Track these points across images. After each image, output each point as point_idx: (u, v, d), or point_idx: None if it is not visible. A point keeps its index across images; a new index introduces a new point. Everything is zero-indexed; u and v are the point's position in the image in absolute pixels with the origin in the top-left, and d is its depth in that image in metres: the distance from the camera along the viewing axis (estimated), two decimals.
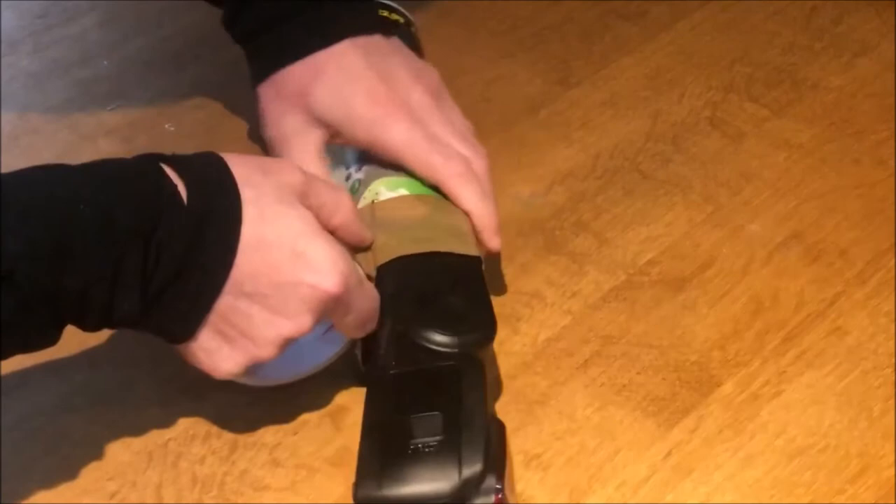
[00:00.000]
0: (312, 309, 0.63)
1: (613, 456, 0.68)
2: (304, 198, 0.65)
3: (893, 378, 0.72)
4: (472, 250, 0.72)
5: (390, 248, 0.71)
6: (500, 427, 0.64)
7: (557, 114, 0.93)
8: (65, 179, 0.60)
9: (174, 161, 0.63)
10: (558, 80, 0.96)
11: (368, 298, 0.67)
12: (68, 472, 0.69)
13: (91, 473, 0.69)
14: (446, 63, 0.85)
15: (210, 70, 1.00)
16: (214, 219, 0.62)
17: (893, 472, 0.67)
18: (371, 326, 0.68)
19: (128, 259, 0.59)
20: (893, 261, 0.79)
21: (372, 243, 0.71)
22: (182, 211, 0.61)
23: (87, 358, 0.76)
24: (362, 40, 0.77)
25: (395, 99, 0.75)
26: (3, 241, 0.56)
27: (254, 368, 0.66)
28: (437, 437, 0.62)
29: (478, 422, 0.62)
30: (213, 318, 0.63)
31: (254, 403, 0.72)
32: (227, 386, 0.73)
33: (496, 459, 0.61)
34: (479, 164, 0.75)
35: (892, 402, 0.70)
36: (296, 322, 0.63)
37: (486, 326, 0.68)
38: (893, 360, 0.73)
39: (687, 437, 0.69)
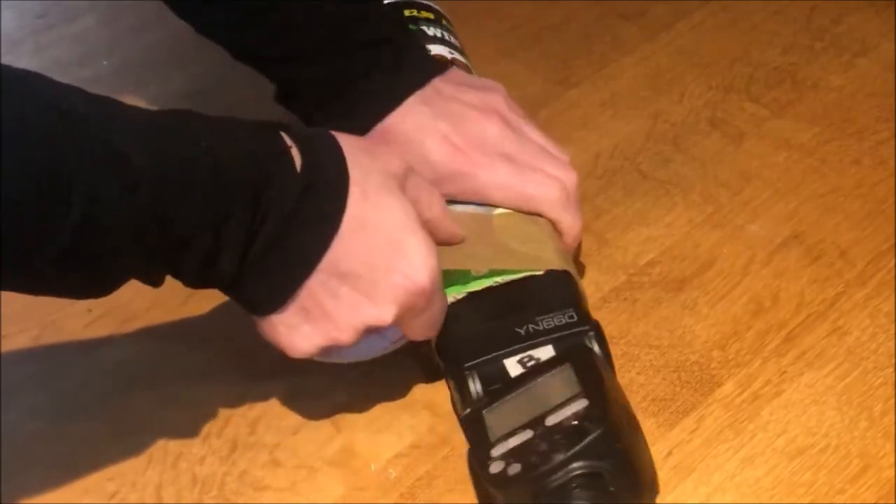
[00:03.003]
0: (399, 299, 0.64)
1: None
2: (403, 188, 0.65)
3: (894, 378, 0.72)
4: (570, 266, 0.74)
5: (529, 258, 0.72)
6: None
7: (557, 114, 0.93)
8: (187, 122, 0.61)
9: (291, 130, 0.63)
10: (558, 80, 0.96)
11: (443, 303, 0.68)
12: (68, 472, 0.69)
13: (91, 473, 0.69)
14: None
15: (210, 70, 1.00)
16: (322, 190, 0.62)
17: (894, 472, 0.67)
18: (434, 332, 0.69)
19: (236, 212, 0.60)
20: (893, 261, 0.79)
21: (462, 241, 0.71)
22: (293, 175, 0.61)
23: (87, 358, 0.76)
24: (421, 93, 0.76)
25: (472, 143, 0.74)
26: (133, 153, 0.56)
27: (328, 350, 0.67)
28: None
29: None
30: (303, 293, 0.63)
31: (254, 403, 0.72)
32: (227, 386, 0.73)
33: None
34: (569, 177, 0.75)
35: (892, 402, 0.70)
36: (380, 310, 0.64)
37: None
38: (894, 360, 0.73)
39: (687, 437, 0.69)
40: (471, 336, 0.70)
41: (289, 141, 0.62)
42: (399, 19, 0.79)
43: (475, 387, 0.67)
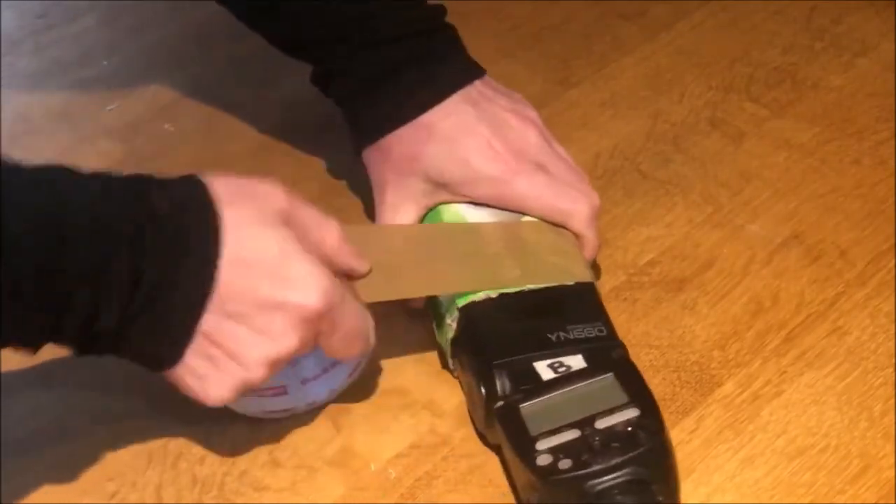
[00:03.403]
0: (296, 327, 0.63)
1: None
2: (288, 221, 0.64)
3: (894, 378, 0.72)
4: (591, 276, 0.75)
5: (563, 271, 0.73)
6: None
7: (557, 114, 0.93)
8: (57, 179, 0.60)
9: (156, 182, 0.63)
10: (558, 80, 0.96)
11: (355, 317, 0.65)
12: (68, 472, 0.69)
13: (91, 473, 0.69)
14: None
15: (210, 70, 1.00)
16: (193, 235, 0.61)
17: (894, 473, 0.67)
18: (360, 347, 0.67)
19: (111, 266, 0.59)
20: (893, 261, 0.79)
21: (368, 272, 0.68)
22: (162, 225, 0.60)
23: (87, 358, 0.76)
24: (466, 91, 0.76)
25: (512, 149, 0.75)
26: (4, 216, 0.56)
27: (248, 399, 0.67)
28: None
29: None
30: (200, 340, 0.62)
31: None
32: None
33: None
34: (595, 199, 0.76)
35: (892, 402, 0.70)
36: (281, 342, 0.62)
37: None
38: (894, 360, 0.73)
39: (687, 438, 0.69)
40: (501, 335, 0.70)
41: (155, 193, 0.61)
42: (443, 15, 0.78)
43: (503, 384, 0.67)
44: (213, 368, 0.63)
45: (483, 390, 0.68)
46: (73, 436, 0.72)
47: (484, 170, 0.74)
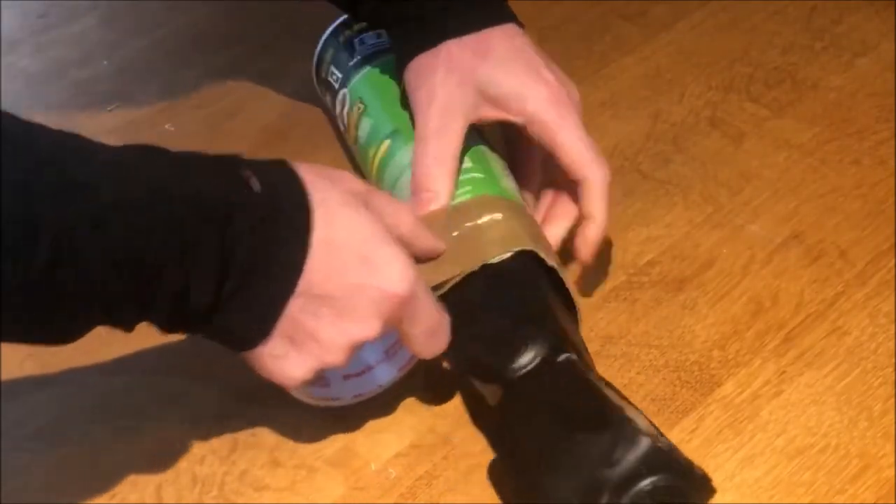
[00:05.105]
0: (380, 312, 0.63)
1: None
2: (367, 205, 0.65)
3: (893, 378, 0.72)
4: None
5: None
6: None
7: None
8: (150, 155, 0.60)
9: (247, 161, 0.63)
10: None
11: (435, 311, 0.66)
12: (68, 472, 0.69)
13: (91, 473, 0.69)
14: None
15: (210, 70, 1.00)
16: (285, 217, 0.62)
17: (893, 472, 0.67)
18: (440, 343, 0.67)
19: (204, 244, 0.59)
20: (893, 261, 0.79)
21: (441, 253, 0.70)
22: (256, 205, 0.61)
23: (87, 358, 0.76)
24: (524, 31, 0.78)
25: (562, 89, 0.76)
26: (100, 188, 0.56)
27: (319, 382, 0.67)
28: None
29: None
30: (284, 321, 0.62)
31: (253, 403, 0.72)
32: (227, 386, 0.73)
33: None
34: (608, 174, 0.75)
35: (892, 401, 0.70)
36: (364, 325, 0.63)
37: None
38: (893, 360, 0.73)
39: (687, 437, 0.69)
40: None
41: (247, 171, 0.62)
42: None
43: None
44: (294, 349, 0.63)
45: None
46: (73, 436, 0.72)
47: (535, 87, 0.75)
